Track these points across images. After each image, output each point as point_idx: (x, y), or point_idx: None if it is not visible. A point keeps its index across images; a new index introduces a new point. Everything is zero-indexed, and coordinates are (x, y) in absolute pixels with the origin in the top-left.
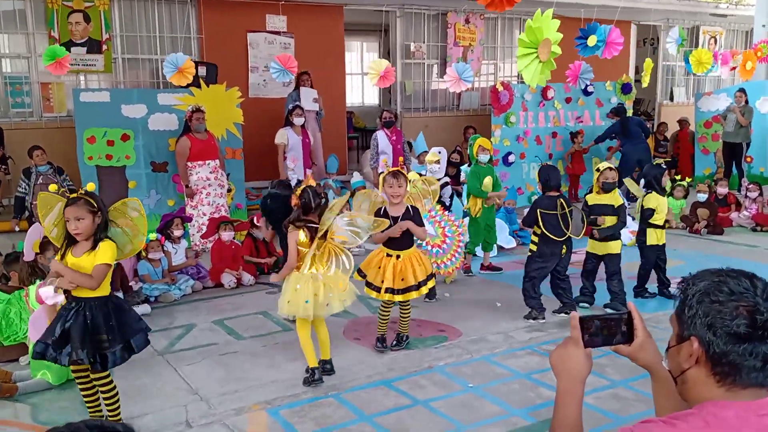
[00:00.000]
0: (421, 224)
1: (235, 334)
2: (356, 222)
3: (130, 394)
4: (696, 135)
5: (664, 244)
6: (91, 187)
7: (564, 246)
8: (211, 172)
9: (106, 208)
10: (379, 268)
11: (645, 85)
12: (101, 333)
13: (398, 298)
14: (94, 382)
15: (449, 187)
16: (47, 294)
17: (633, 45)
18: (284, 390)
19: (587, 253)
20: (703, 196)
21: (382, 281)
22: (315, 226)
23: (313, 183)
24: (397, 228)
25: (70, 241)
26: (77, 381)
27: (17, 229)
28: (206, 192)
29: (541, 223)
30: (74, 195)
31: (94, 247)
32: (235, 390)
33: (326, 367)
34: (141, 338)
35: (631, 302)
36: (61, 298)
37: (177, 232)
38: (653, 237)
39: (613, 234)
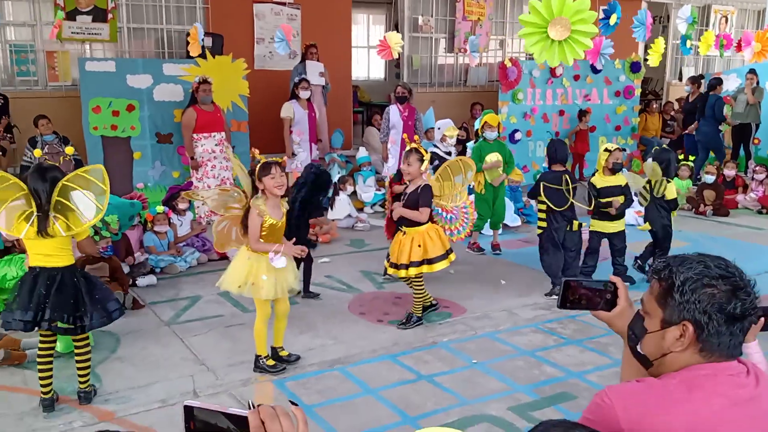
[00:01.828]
0: (425, 204)
1: (240, 306)
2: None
3: (138, 364)
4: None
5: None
6: (37, 153)
7: (571, 223)
8: (216, 145)
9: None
10: (402, 244)
11: (655, 64)
12: None
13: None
14: None
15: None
16: None
17: None
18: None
19: (591, 232)
20: (710, 178)
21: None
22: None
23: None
24: (394, 212)
25: None
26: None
27: None
28: (211, 164)
29: (544, 196)
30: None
31: None
32: (242, 361)
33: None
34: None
35: (616, 276)
36: None
37: (182, 205)
38: None
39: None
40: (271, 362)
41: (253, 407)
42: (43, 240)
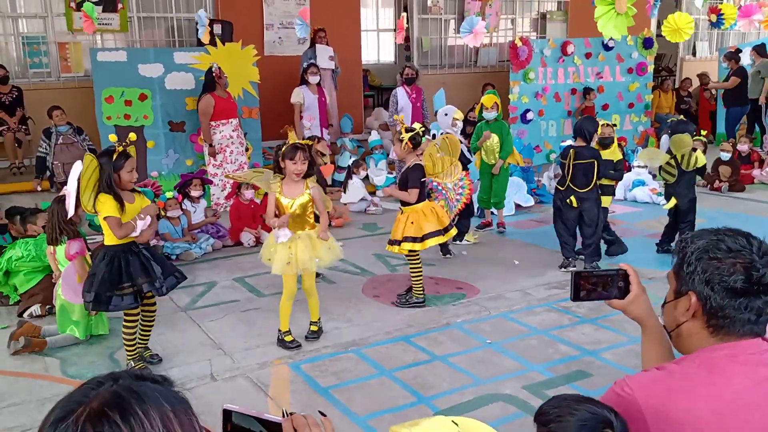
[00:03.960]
0: (413, 185)
1: (255, 291)
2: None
3: (156, 349)
4: (719, 91)
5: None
6: (133, 137)
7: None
8: (233, 131)
9: None
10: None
11: (681, 40)
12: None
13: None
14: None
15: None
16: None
17: None
18: (305, 345)
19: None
20: (726, 155)
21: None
22: None
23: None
24: (384, 191)
25: (116, 194)
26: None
27: (39, 188)
28: (230, 150)
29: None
30: (122, 149)
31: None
32: (258, 345)
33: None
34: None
35: (627, 264)
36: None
37: (195, 193)
38: None
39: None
40: (288, 338)
41: (287, 415)
42: None
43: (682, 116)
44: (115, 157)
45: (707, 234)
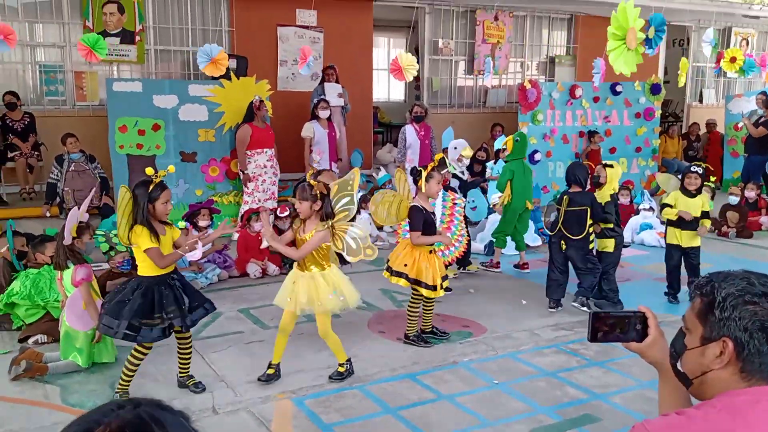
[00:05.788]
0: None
1: (260, 323)
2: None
3: (158, 379)
4: (726, 137)
5: (695, 247)
6: (171, 169)
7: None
8: (267, 160)
9: None
10: (427, 266)
11: (681, 84)
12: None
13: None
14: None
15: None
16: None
17: (663, 45)
18: (310, 380)
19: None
20: (734, 199)
21: (433, 277)
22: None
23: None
24: (447, 237)
25: (150, 225)
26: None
27: (48, 214)
28: (262, 179)
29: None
30: (159, 181)
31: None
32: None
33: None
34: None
35: (644, 305)
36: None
37: (203, 223)
38: (672, 236)
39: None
40: (270, 370)
41: None
42: None
43: (703, 164)
44: (151, 188)
45: (733, 277)
